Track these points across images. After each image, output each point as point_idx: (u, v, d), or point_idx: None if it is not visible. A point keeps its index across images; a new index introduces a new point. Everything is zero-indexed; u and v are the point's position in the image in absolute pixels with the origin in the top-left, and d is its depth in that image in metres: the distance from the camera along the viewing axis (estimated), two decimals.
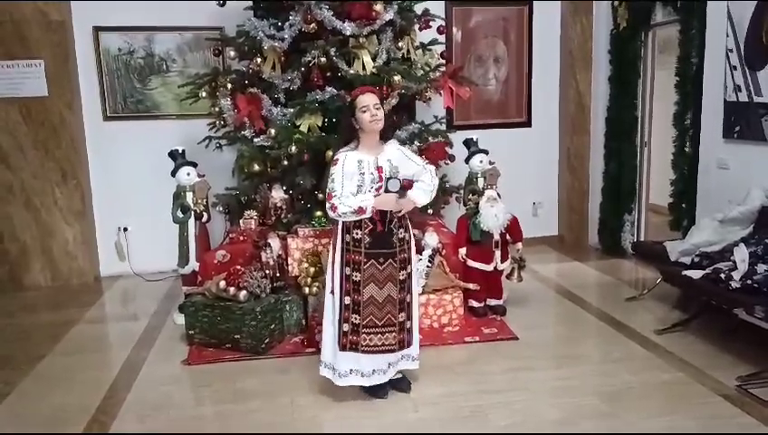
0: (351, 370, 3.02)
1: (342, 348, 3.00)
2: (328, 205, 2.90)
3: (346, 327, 2.99)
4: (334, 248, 3.01)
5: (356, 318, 2.98)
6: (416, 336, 3.15)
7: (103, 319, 4.60)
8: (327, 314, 3.07)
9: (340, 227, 2.96)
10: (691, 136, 4.63)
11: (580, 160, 6.00)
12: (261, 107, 4.23)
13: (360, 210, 2.86)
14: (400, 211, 2.96)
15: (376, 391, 3.11)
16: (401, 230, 3.00)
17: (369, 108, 2.87)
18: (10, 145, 5.06)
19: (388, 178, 2.90)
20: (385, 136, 3.03)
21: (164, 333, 4.12)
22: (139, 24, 5.27)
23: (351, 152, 2.93)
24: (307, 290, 3.81)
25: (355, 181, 2.88)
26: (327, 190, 2.91)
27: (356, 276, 2.96)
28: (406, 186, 2.97)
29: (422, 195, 3.02)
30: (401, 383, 3.20)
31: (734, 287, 3.35)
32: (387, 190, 2.90)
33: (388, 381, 3.15)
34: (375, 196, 2.91)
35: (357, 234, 2.93)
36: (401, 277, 2.99)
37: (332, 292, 3.03)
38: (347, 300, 2.98)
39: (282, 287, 3.92)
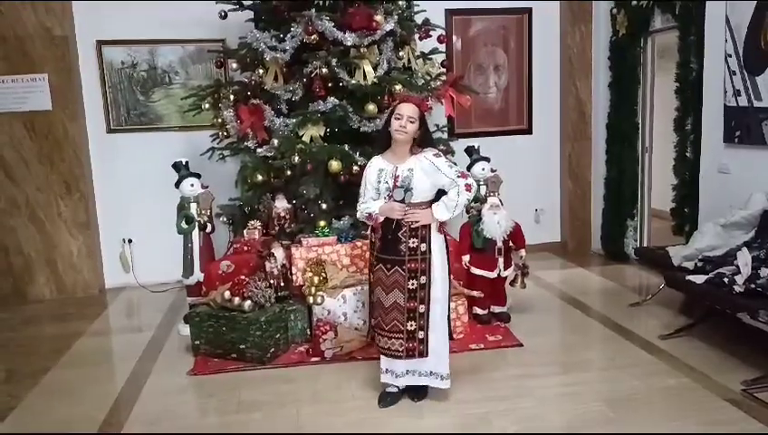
0: (387, 369, 3.12)
1: (372, 339, 3.21)
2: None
3: (373, 322, 3.14)
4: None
5: (373, 316, 3.13)
6: (440, 353, 3.06)
7: (108, 331, 4.61)
8: None
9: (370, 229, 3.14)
10: (692, 141, 4.65)
11: (582, 167, 6.02)
12: (263, 118, 4.25)
13: (370, 216, 3.01)
14: (417, 221, 2.94)
15: (382, 398, 3.14)
16: (414, 240, 2.96)
17: (402, 117, 2.90)
18: (14, 159, 5.09)
19: (395, 188, 2.92)
20: (420, 146, 3.00)
21: (169, 343, 4.13)
22: (141, 38, 5.31)
23: (377, 159, 3.04)
24: (311, 299, 3.82)
25: (374, 188, 2.99)
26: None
27: (371, 277, 3.11)
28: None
29: (442, 210, 2.96)
30: (417, 392, 3.17)
31: (737, 292, 3.35)
32: (392, 199, 2.93)
33: (405, 387, 3.17)
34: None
35: (373, 238, 3.09)
36: (411, 286, 2.97)
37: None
38: (372, 297, 3.13)
39: (286, 297, 3.94)
